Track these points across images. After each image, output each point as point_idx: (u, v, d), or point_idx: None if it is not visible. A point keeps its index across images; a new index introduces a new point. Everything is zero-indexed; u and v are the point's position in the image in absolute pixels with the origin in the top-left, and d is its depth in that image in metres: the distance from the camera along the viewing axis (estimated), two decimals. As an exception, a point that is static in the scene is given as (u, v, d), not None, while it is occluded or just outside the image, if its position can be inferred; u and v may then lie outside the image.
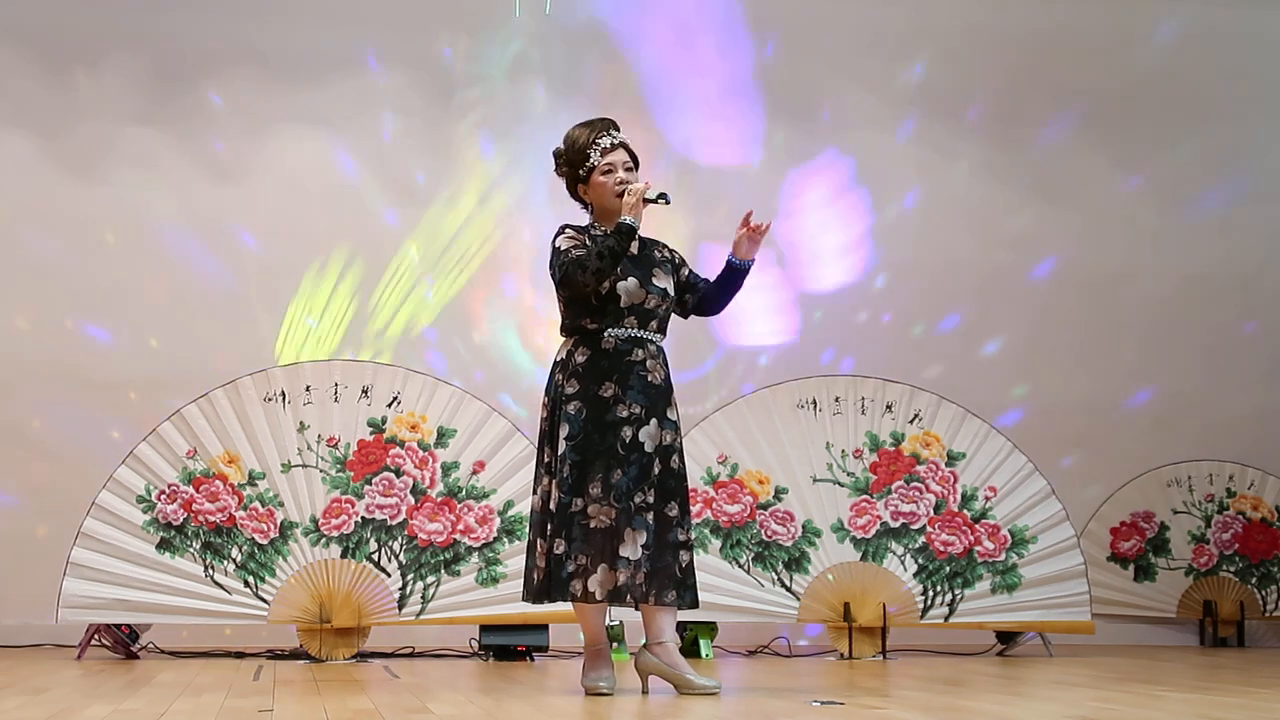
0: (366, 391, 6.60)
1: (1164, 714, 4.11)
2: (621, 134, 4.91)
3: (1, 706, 4.29)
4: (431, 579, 6.46)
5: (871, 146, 8.38)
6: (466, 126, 8.12)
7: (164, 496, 6.41)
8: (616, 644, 6.60)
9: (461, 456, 6.57)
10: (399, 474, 6.52)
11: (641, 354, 4.80)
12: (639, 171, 4.91)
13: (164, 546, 6.38)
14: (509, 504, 6.53)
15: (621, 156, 4.87)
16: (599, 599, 4.66)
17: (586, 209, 4.96)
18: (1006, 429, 7.10)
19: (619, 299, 4.79)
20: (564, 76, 8.14)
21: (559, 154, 4.93)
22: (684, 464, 4.86)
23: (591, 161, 4.85)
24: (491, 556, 6.50)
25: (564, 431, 4.73)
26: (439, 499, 6.53)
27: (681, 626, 6.72)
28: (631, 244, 4.81)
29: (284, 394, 6.55)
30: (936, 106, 8.41)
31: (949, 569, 6.86)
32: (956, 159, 8.44)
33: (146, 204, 7.77)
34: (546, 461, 4.80)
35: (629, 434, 4.72)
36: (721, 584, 6.67)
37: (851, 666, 6.27)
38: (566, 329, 4.88)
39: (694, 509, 6.54)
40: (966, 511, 6.93)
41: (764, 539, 6.81)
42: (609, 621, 5.50)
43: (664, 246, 5.01)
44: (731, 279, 4.95)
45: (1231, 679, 5.57)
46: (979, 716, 4.04)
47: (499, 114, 8.11)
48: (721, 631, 7.02)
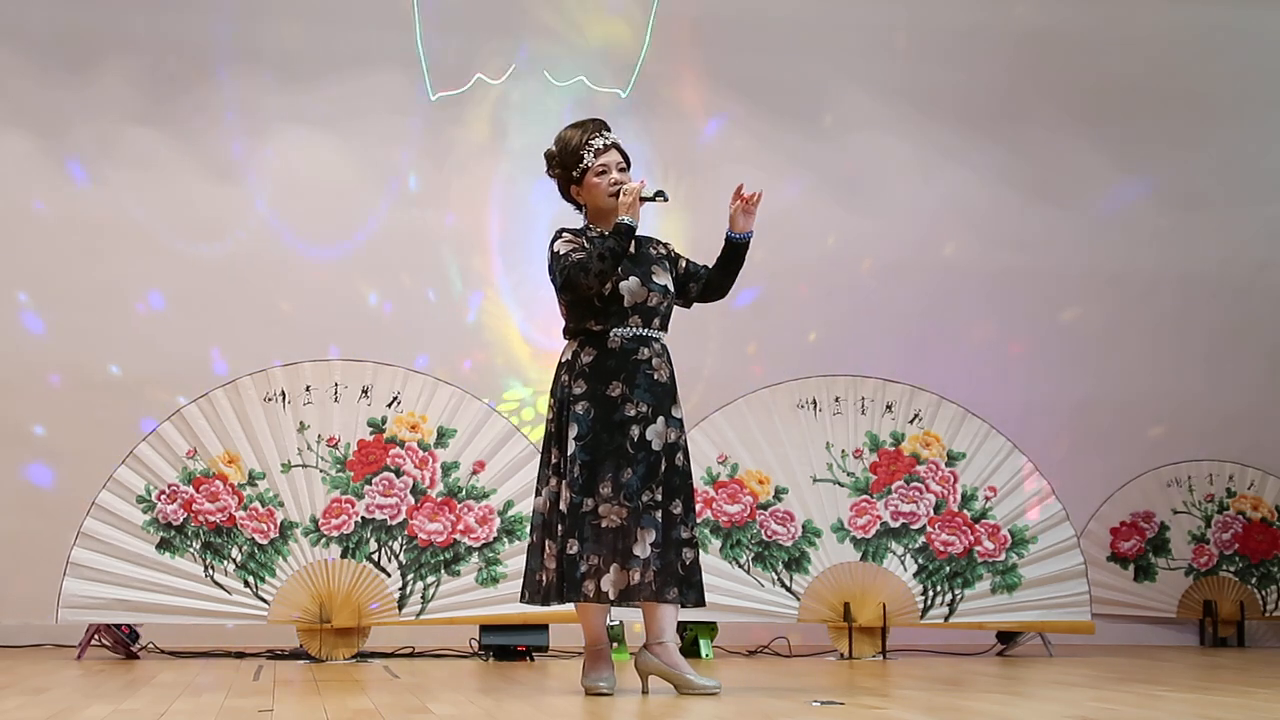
0: (366, 391, 6.60)
1: (1164, 714, 4.11)
2: (613, 134, 4.91)
3: (1, 706, 4.29)
4: (431, 579, 6.46)
5: (872, 147, 8.38)
6: (467, 126, 8.12)
7: (164, 496, 6.41)
8: (616, 644, 6.60)
9: (461, 456, 6.57)
10: (399, 474, 6.52)
11: (647, 352, 4.80)
12: (630, 170, 4.90)
13: (164, 546, 6.38)
14: (509, 504, 6.54)
15: (615, 157, 4.86)
16: (612, 599, 4.66)
17: (580, 210, 4.95)
18: (1006, 429, 7.09)
19: (622, 299, 4.79)
20: (565, 76, 8.13)
21: (551, 156, 4.92)
22: (688, 461, 4.85)
23: (585, 163, 4.84)
24: (491, 556, 6.50)
25: (573, 432, 4.72)
26: (439, 499, 6.53)
27: (681, 626, 6.72)
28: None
29: (284, 394, 6.55)
30: (937, 107, 8.40)
31: (949, 569, 6.86)
32: (957, 159, 8.43)
33: (146, 204, 7.76)
34: (554, 462, 4.79)
35: (637, 433, 4.72)
36: (721, 584, 6.66)
37: (851, 666, 6.27)
38: (570, 331, 4.87)
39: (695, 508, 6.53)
40: (966, 511, 6.93)
41: (764, 539, 6.81)
42: (609, 621, 5.50)
43: (658, 243, 5.00)
44: (733, 255, 4.93)
45: (1231, 679, 5.57)
46: (979, 716, 4.04)
47: (500, 113, 8.11)
48: (721, 631, 7.02)
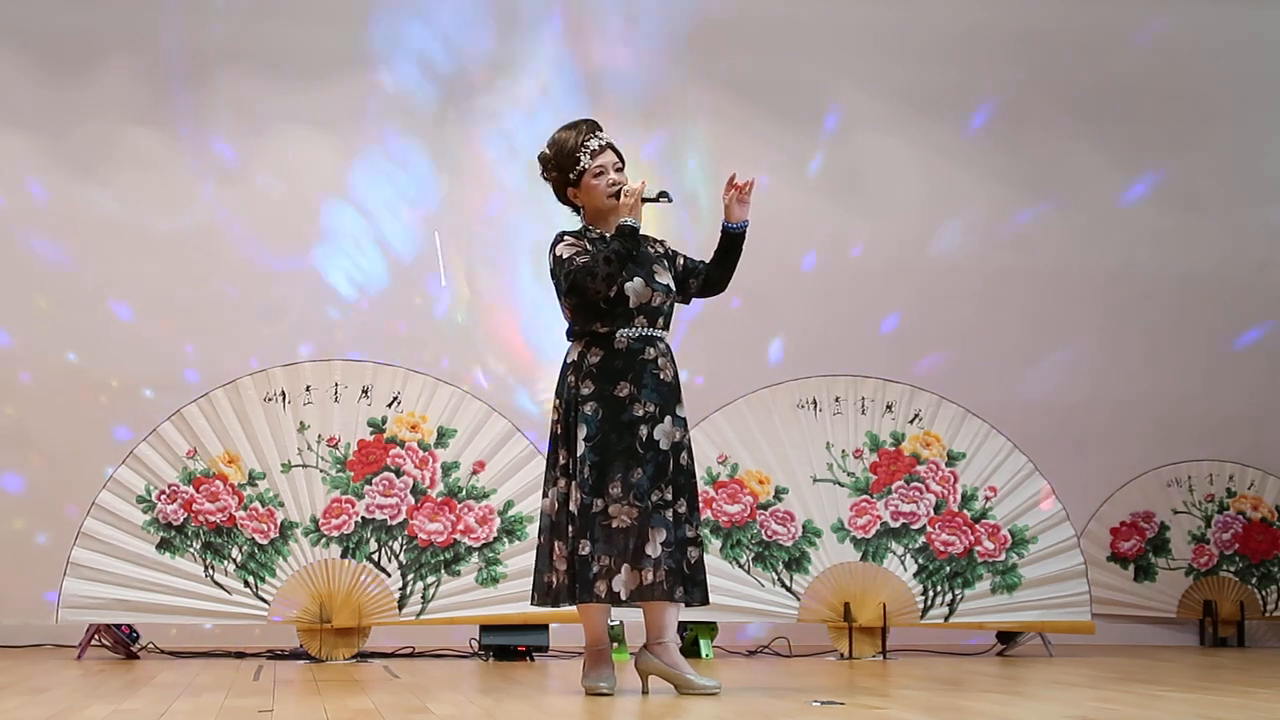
0: (367, 391, 6.60)
1: (1164, 714, 4.11)
2: (606, 134, 4.89)
3: (1, 706, 4.29)
4: (431, 579, 6.46)
5: (872, 147, 8.38)
6: (468, 126, 8.12)
7: (164, 496, 6.41)
8: (616, 644, 6.60)
9: (462, 456, 6.57)
10: (399, 474, 6.52)
11: (653, 352, 4.80)
12: (624, 170, 4.89)
13: (164, 546, 6.38)
14: (509, 504, 6.53)
15: (611, 158, 4.85)
16: (623, 600, 4.65)
17: (577, 212, 4.93)
18: (1006, 429, 7.09)
19: (627, 300, 4.78)
20: (565, 76, 8.13)
21: (546, 159, 4.88)
22: (692, 460, 4.85)
23: (582, 164, 4.82)
24: (491, 556, 6.50)
25: (581, 432, 4.71)
26: (439, 499, 6.53)
27: (681, 626, 6.72)
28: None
29: (284, 394, 6.55)
30: (937, 107, 8.40)
31: (949, 569, 6.86)
32: (957, 159, 8.43)
33: (146, 204, 7.76)
34: (562, 464, 4.78)
35: (645, 433, 4.72)
36: (721, 584, 6.65)
37: (851, 666, 6.27)
38: (575, 333, 4.86)
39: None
40: (966, 511, 6.93)
41: (764, 539, 6.81)
42: (609, 621, 5.49)
43: (655, 241, 4.98)
44: (730, 246, 4.91)
45: (1231, 679, 5.57)
46: (979, 716, 4.04)
47: (500, 113, 8.11)
48: (721, 631, 7.02)
